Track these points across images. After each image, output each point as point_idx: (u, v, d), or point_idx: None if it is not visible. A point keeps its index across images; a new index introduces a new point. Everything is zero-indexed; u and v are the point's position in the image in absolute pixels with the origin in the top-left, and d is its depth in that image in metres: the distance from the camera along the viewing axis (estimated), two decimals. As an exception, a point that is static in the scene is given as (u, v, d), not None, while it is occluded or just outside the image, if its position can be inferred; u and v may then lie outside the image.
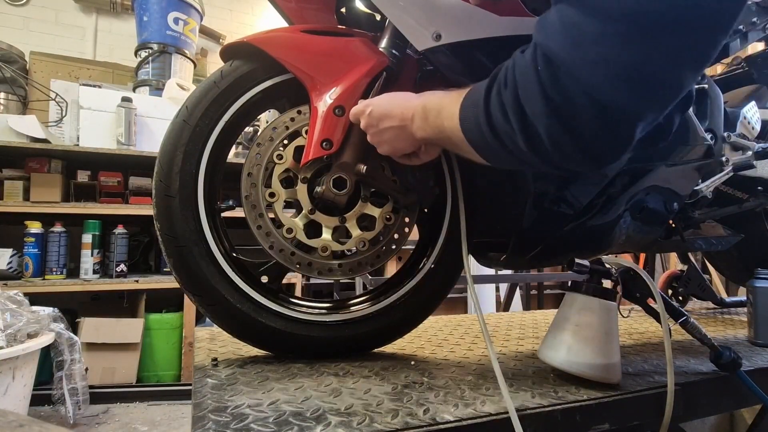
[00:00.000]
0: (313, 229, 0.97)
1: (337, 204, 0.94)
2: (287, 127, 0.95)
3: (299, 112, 0.96)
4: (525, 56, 0.63)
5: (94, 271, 3.01)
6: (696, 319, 0.98)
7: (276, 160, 0.94)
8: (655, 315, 0.95)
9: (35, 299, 2.40)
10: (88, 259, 2.99)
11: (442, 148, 0.89)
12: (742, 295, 1.73)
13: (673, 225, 1.24)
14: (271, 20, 4.64)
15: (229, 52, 0.97)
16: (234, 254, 0.97)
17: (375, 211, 0.98)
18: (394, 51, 0.94)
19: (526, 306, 3.80)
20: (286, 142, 0.95)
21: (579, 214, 1.02)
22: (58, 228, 2.96)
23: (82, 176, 3.13)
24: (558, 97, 0.58)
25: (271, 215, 0.95)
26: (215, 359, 0.98)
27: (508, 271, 3.33)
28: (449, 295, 1.09)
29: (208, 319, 1.05)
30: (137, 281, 3.05)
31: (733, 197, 1.38)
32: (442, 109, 0.76)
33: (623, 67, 0.55)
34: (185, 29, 3.71)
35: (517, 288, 3.68)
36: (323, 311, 1.00)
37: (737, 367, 0.95)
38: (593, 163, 0.64)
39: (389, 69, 0.93)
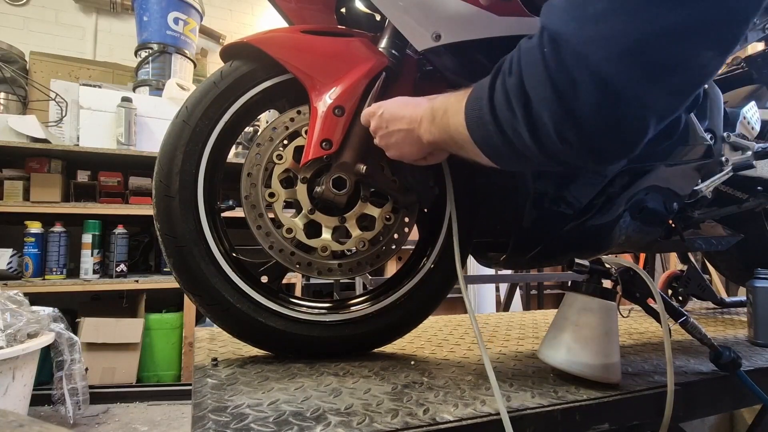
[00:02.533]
0: (312, 229, 0.97)
1: (337, 204, 0.94)
2: (287, 128, 0.95)
3: (299, 113, 0.96)
4: (531, 41, 0.59)
5: (94, 271, 3.00)
6: (696, 319, 0.98)
7: (276, 160, 0.94)
8: (655, 315, 0.95)
9: (35, 299, 2.40)
10: (88, 259, 2.99)
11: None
12: (742, 295, 1.73)
13: (673, 225, 1.24)
14: (271, 20, 4.64)
15: (229, 53, 0.97)
16: (234, 254, 0.97)
17: (375, 211, 0.98)
18: (393, 51, 0.94)
19: (526, 306, 3.80)
20: (285, 142, 0.95)
21: (579, 214, 1.02)
22: (58, 228, 2.96)
23: (82, 176, 3.13)
24: (563, 80, 0.54)
25: (271, 215, 0.95)
26: (215, 359, 0.98)
27: (508, 271, 3.33)
28: (449, 295, 1.09)
29: (208, 319, 1.05)
30: (137, 281, 3.05)
31: (733, 197, 1.38)
32: (448, 107, 0.73)
33: (632, 42, 0.50)
34: (185, 29, 3.71)
35: (517, 288, 3.68)
36: (323, 311, 1.00)
37: (737, 367, 0.95)
38: (597, 158, 0.59)
39: (389, 69, 0.93)
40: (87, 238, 3.00)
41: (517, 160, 0.67)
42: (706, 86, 1.16)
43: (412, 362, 1.01)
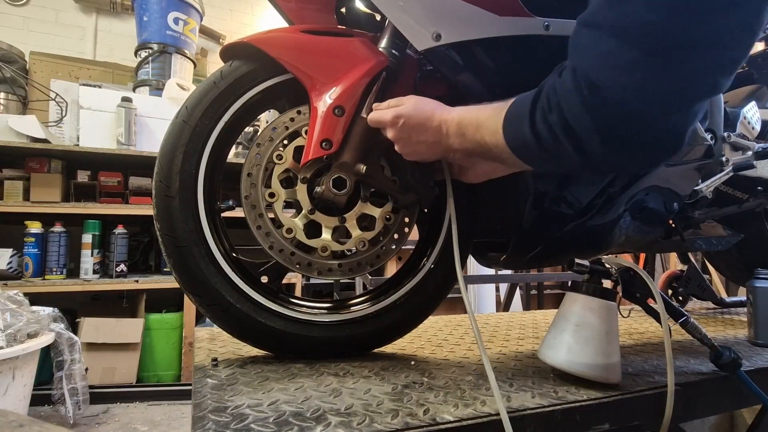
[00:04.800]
0: (312, 229, 0.97)
1: (337, 204, 0.94)
2: (287, 128, 0.95)
3: (299, 113, 0.96)
4: (565, 81, 0.65)
5: (94, 271, 3.00)
6: (696, 319, 0.97)
7: (276, 161, 0.94)
8: (655, 315, 0.95)
9: (35, 299, 2.40)
10: (88, 259, 2.99)
11: None
12: (742, 295, 1.73)
13: (673, 225, 1.24)
14: (271, 20, 4.64)
15: (228, 53, 0.97)
16: (234, 254, 0.97)
17: (375, 211, 0.98)
18: (393, 51, 0.94)
19: (526, 306, 3.80)
20: (285, 142, 0.95)
21: (579, 214, 1.02)
22: (58, 228, 2.96)
23: (82, 176, 3.13)
24: (608, 119, 0.62)
25: (271, 215, 0.95)
26: (215, 359, 0.98)
27: (508, 271, 3.33)
28: (449, 295, 1.08)
29: (208, 319, 1.05)
30: (137, 281, 3.05)
31: (733, 197, 1.38)
32: (480, 125, 0.77)
33: (664, 93, 0.59)
34: (185, 29, 3.71)
35: (517, 288, 3.68)
36: (323, 311, 1.00)
37: (737, 367, 0.95)
38: (652, 165, 0.76)
39: (389, 69, 0.93)
40: (87, 238, 3.00)
41: (567, 170, 0.76)
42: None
43: (412, 362, 1.01)
